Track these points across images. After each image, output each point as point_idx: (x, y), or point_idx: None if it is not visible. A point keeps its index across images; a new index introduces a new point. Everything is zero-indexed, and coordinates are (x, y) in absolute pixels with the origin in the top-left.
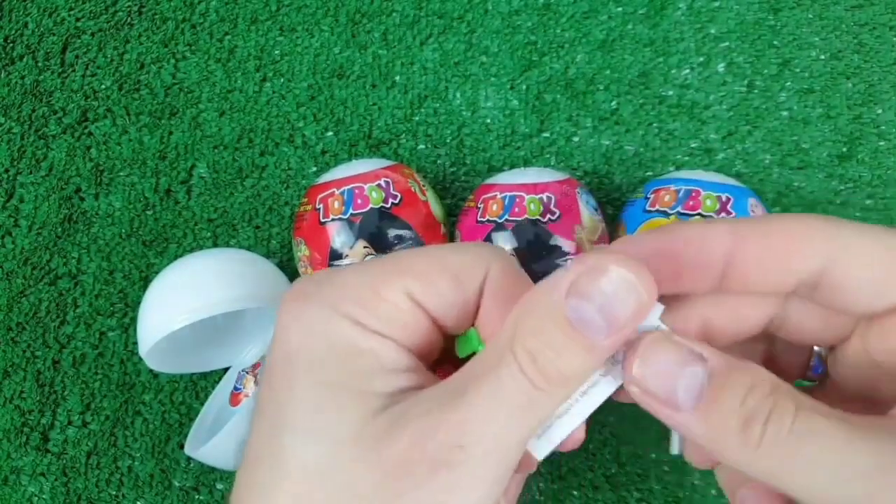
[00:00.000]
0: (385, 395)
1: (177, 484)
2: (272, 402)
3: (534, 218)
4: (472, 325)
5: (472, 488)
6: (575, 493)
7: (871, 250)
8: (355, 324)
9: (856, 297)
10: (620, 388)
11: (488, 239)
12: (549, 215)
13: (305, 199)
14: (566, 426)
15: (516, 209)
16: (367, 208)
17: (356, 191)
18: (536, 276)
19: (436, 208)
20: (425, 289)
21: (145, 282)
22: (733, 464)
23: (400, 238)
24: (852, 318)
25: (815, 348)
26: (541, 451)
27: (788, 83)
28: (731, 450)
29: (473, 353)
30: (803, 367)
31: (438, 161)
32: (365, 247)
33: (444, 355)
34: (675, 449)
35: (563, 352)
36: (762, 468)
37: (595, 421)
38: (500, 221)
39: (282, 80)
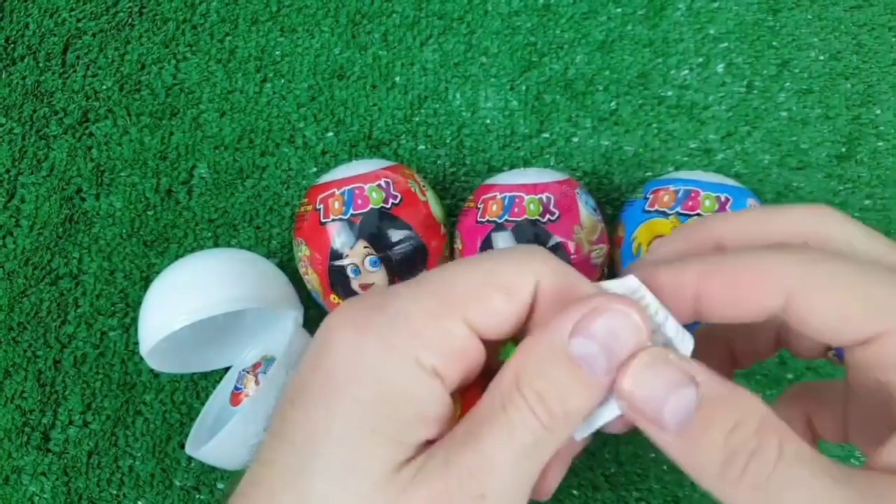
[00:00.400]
0: (418, 445)
1: (178, 483)
2: (305, 431)
3: (533, 218)
4: (517, 334)
5: None
6: (575, 492)
7: (830, 287)
8: (413, 362)
9: (821, 331)
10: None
11: (488, 239)
12: (548, 215)
13: (306, 200)
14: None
15: (516, 209)
16: (368, 208)
17: (356, 191)
18: None
19: (436, 208)
20: (482, 312)
21: (146, 282)
22: (712, 492)
23: (400, 238)
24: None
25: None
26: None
27: (787, 84)
28: (709, 480)
29: None
30: (821, 350)
31: (438, 161)
32: (365, 247)
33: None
34: None
35: (568, 390)
36: (735, 502)
37: None
38: (499, 222)
39: (282, 80)
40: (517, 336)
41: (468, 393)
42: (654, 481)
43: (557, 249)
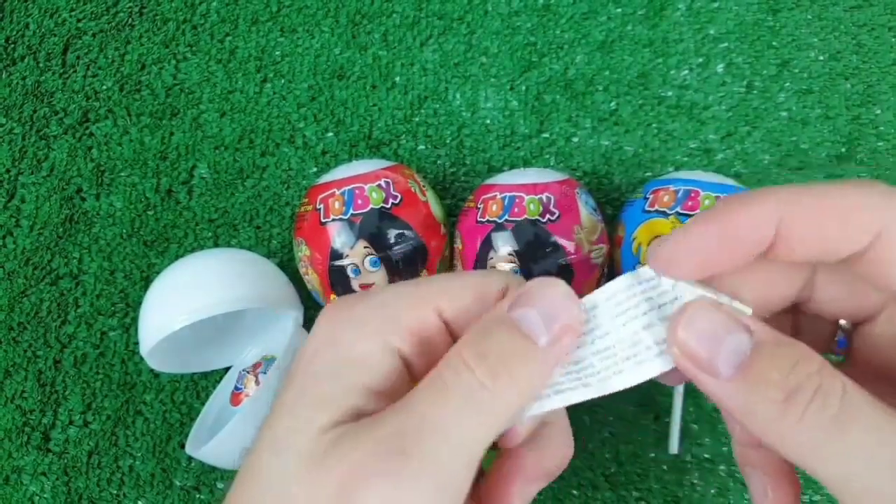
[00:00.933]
0: (354, 410)
1: (178, 483)
2: (274, 413)
3: (533, 218)
4: None
5: (420, 494)
6: (574, 492)
7: None
8: (380, 340)
9: None
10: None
11: (488, 239)
12: (548, 215)
13: (306, 200)
14: (588, 392)
15: (516, 209)
16: (368, 208)
17: (356, 191)
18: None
19: (436, 208)
20: (454, 305)
21: (146, 282)
22: (765, 437)
23: (400, 238)
24: (882, 296)
25: (841, 322)
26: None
27: (787, 84)
28: (766, 423)
29: None
30: (828, 341)
31: (438, 161)
32: (365, 247)
33: None
34: (674, 448)
35: (510, 352)
36: (796, 446)
37: (594, 421)
38: (499, 222)
39: (282, 80)
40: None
41: None
42: (654, 481)
43: (557, 249)
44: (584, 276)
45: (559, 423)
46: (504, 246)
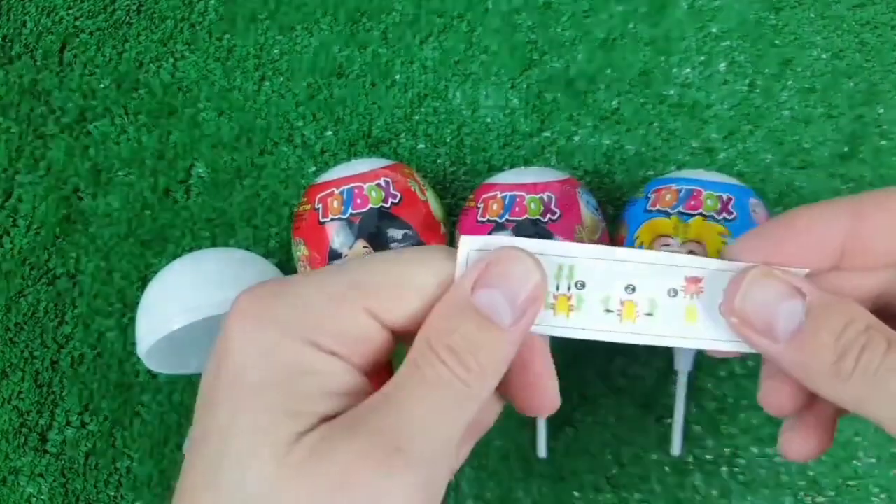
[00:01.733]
0: (322, 417)
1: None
2: (215, 432)
3: (534, 217)
4: None
5: (411, 493)
6: (576, 493)
7: None
8: (310, 344)
9: None
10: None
11: None
12: (549, 215)
13: (304, 199)
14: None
15: (516, 209)
16: (367, 208)
17: (355, 190)
18: None
19: (436, 208)
20: (385, 304)
21: (143, 282)
22: (822, 392)
23: (400, 238)
24: None
25: None
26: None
27: (790, 82)
28: (821, 381)
29: None
30: None
31: (438, 160)
32: (364, 247)
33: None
34: (676, 450)
35: (479, 342)
36: (849, 397)
37: (596, 422)
38: (500, 221)
39: (281, 79)
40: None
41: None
42: (656, 483)
43: None
44: None
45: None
46: None
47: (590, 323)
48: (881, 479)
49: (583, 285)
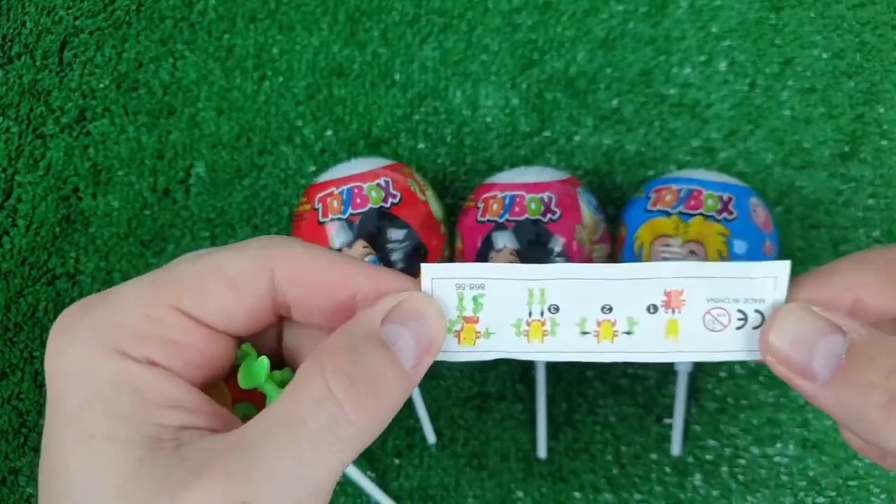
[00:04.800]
0: (155, 439)
1: None
2: (48, 462)
3: (534, 217)
4: (263, 336)
5: None
6: (576, 494)
7: None
8: (121, 355)
9: None
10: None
11: (488, 238)
12: (549, 215)
13: (304, 199)
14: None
15: (517, 209)
16: (367, 208)
17: (355, 190)
18: None
19: (436, 208)
20: (197, 301)
21: None
22: (869, 437)
23: (400, 238)
24: None
25: None
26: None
27: (790, 82)
28: (871, 424)
29: (257, 388)
30: None
31: (438, 160)
32: (364, 247)
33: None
34: (676, 450)
35: (379, 376)
36: None
37: (596, 422)
38: (500, 221)
39: (280, 78)
40: (259, 330)
41: (238, 388)
42: (656, 483)
43: (558, 249)
44: None
45: None
46: (505, 245)
47: (566, 346)
48: (881, 480)
49: (556, 309)
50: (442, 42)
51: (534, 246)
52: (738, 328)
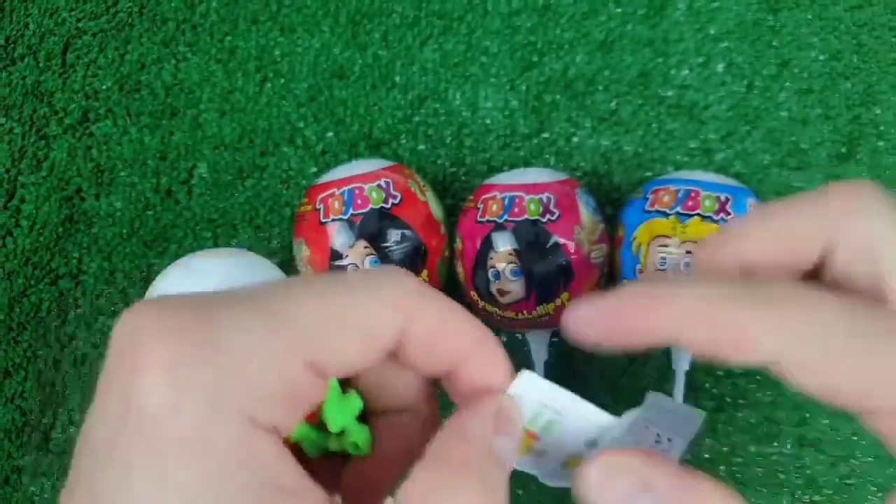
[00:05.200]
0: None
1: None
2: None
3: (533, 218)
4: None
5: None
6: None
7: (815, 357)
8: (251, 423)
9: (814, 394)
10: None
11: (488, 239)
12: (548, 215)
13: (306, 200)
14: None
15: (516, 209)
16: (368, 208)
17: (356, 191)
18: (536, 277)
19: (436, 208)
20: (331, 356)
21: (146, 282)
22: None
23: (400, 238)
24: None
25: None
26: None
27: (787, 83)
28: None
29: (342, 433)
30: None
31: (438, 161)
32: (365, 247)
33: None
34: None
35: (500, 486)
36: None
37: None
38: (499, 221)
39: (282, 80)
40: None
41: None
42: None
43: (557, 249)
44: (584, 277)
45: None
46: (504, 246)
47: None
48: (878, 479)
49: (547, 448)
50: (442, 44)
51: (533, 246)
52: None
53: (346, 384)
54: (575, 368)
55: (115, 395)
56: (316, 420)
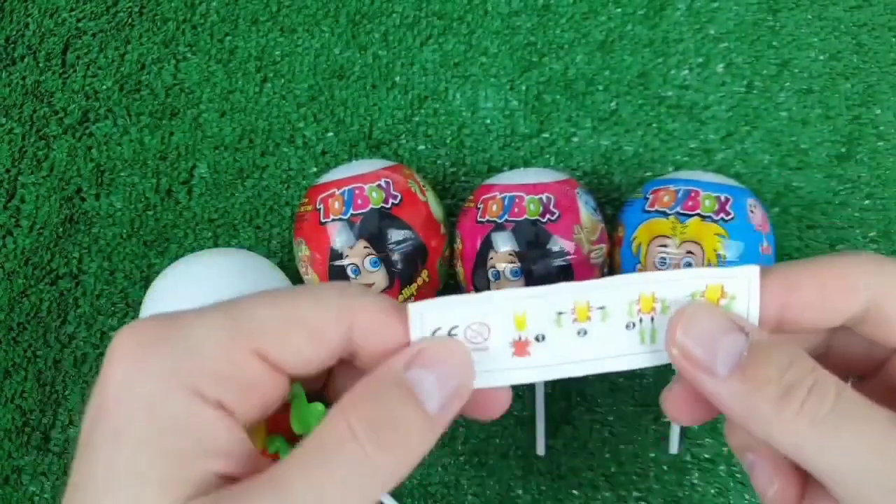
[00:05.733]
0: (206, 481)
1: None
2: (90, 478)
3: (533, 218)
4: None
5: None
6: (575, 492)
7: None
8: (196, 395)
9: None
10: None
11: (488, 239)
12: (548, 215)
13: (306, 200)
14: (572, 371)
15: (516, 209)
16: (368, 208)
17: (356, 191)
18: (536, 277)
19: (436, 208)
20: (279, 348)
21: (146, 282)
22: (761, 432)
23: (400, 238)
24: (888, 350)
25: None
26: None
27: (787, 83)
28: (763, 418)
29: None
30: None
31: (438, 161)
32: (365, 247)
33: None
34: (674, 448)
35: (401, 418)
36: (791, 440)
37: (594, 420)
38: (499, 222)
39: (282, 80)
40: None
41: (273, 419)
42: (654, 481)
43: (557, 249)
44: (583, 277)
45: None
46: (504, 246)
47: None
48: None
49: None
50: (442, 44)
51: (533, 246)
52: None
53: (318, 397)
54: None
55: (94, 393)
56: (290, 434)
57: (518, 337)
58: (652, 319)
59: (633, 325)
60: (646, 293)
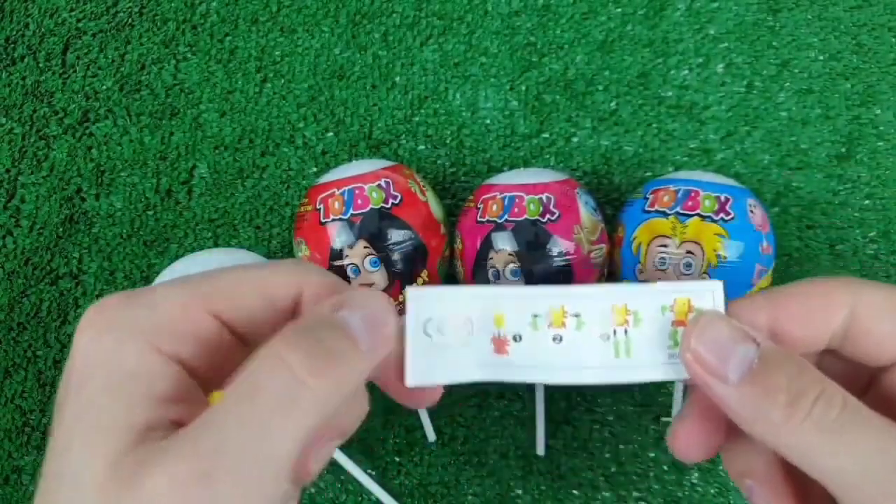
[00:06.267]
0: (145, 428)
1: None
2: (57, 439)
3: (533, 218)
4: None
5: None
6: (575, 492)
7: (887, 304)
8: (154, 349)
9: (878, 347)
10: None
11: (488, 239)
12: (548, 215)
13: (306, 200)
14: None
15: (516, 209)
16: (368, 208)
17: (356, 191)
18: (536, 277)
19: (435, 208)
20: (233, 307)
21: (146, 282)
22: (768, 437)
23: (400, 238)
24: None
25: None
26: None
27: (787, 84)
28: (772, 424)
29: None
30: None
31: (438, 161)
32: (365, 247)
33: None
34: None
35: (334, 349)
36: (798, 445)
37: (594, 421)
38: (499, 221)
39: (282, 80)
40: None
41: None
42: (654, 481)
43: (557, 249)
44: (583, 276)
45: None
46: (504, 246)
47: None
48: None
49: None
50: (442, 45)
51: (532, 246)
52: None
53: None
54: None
55: (67, 364)
56: None
57: (497, 334)
58: (626, 332)
59: (608, 336)
60: (617, 304)
